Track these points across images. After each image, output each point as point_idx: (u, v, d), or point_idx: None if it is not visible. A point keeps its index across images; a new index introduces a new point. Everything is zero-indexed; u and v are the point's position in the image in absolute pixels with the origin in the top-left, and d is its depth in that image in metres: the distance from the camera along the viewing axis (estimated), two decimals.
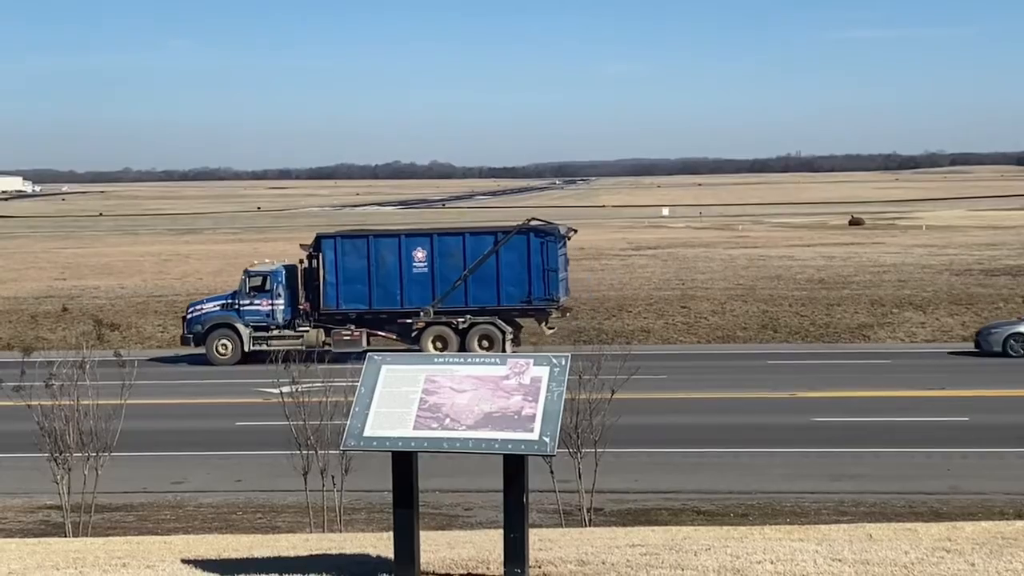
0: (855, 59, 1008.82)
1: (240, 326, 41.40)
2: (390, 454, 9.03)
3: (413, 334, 40.87)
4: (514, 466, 8.87)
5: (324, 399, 18.61)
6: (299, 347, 40.64)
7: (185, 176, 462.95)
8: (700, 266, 64.92)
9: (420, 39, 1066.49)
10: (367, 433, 9.00)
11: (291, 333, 41.19)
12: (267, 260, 44.24)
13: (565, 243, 42.13)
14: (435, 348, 39.89)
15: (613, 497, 21.22)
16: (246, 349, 40.67)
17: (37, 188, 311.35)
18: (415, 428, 8.93)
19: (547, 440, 8.71)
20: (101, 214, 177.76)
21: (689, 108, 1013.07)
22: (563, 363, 9.14)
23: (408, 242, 41.26)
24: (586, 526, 17.39)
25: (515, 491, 8.89)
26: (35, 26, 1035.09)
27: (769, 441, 27.11)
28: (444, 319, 40.41)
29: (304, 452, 18.60)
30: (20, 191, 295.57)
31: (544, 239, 40.11)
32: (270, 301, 41.38)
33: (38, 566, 10.97)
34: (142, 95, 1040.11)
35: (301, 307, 41.35)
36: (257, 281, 41.85)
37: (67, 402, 18.26)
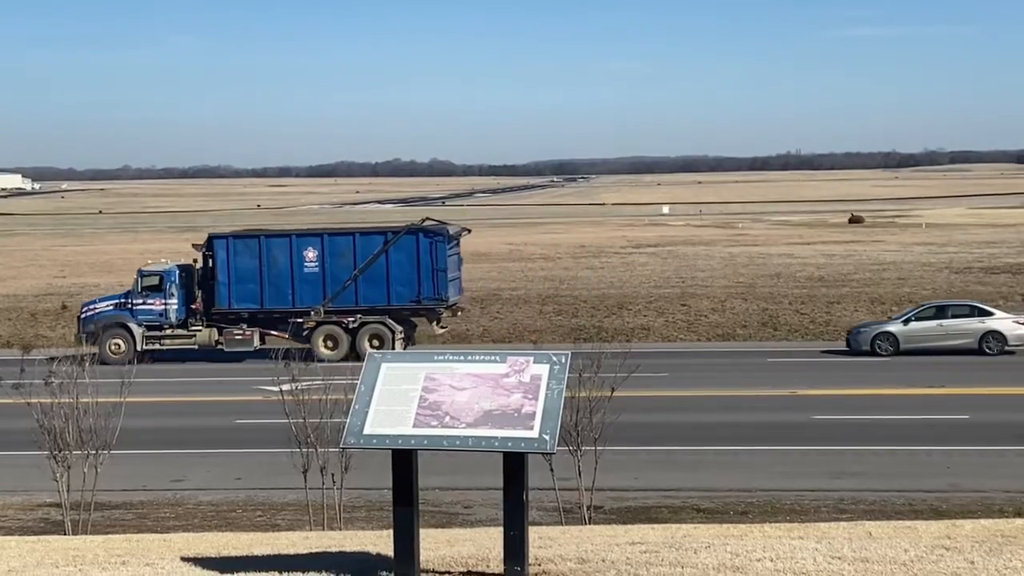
0: (855, 57, 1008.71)
1: (133, 326, 41.57)
2: (390, 452, 9.03)
3: (304, 333, 41.16)
4: (514, 464, 8.87)
5: (324, 397, 18.61)
6: (192, 346, 40.92)
7: (185, 174, 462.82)
8: (700, 264, 64.94)
9: (420, 36, 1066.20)
10: (367, 431, 9.00)
11: (184, 332, 41.53)
12: (163, 260, 44.49)
13: (457, 243, 42.53)
14: (326, 347, 40.29)
15: (613, 495, 21.22)
16: (139, 348, 40.71)
17: (37, 186, 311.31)
18: (415, 426, 8.92)
19: (547, 438, 8.71)
20: (101, 212, 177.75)
21: (689, 106, 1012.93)
22: (563, 361, 9.14)
23: (299, 242, 41.58)
24: (586, 524, 17.40)
25: (515, 489, 8.89)
26: (34, 23, 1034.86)
27: (769, 439, 27.10)
28: (335, 318, 40.75)
29: (304, 450, 18.61)
30: (20, 189, 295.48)
31: (433, 239, 40.45)
32: (163, 301, 41.61)
33: (38, 564, 10.97)
34: (142, 92, 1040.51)
35: (194, 307, 41.58)
36: (151, 281, 42.09)
37: (66, 400, 18.26)
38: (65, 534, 17.46)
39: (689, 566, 9.30)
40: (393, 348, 38.71)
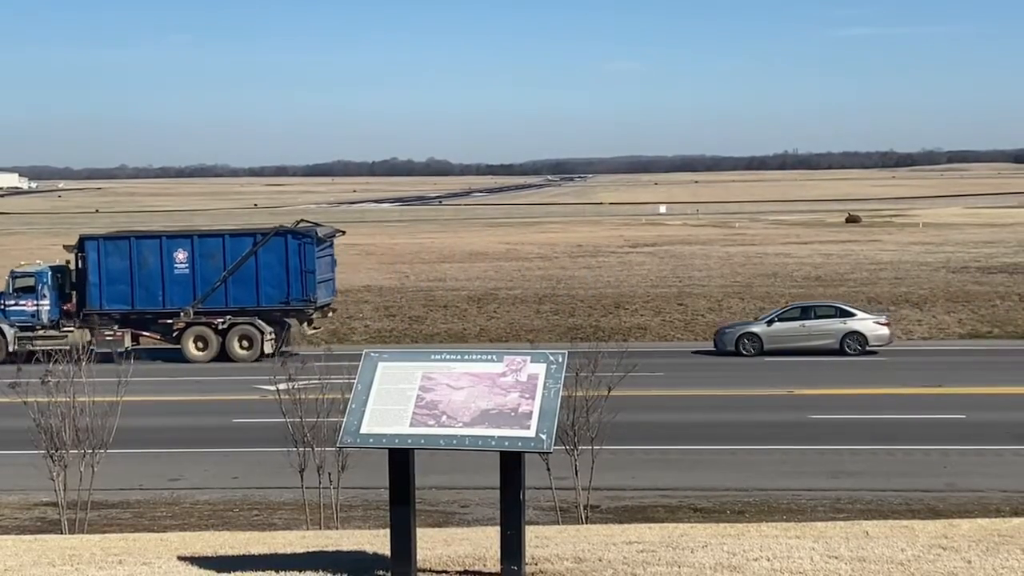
0: (852, 57, 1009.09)
1: (5, 326, 41.79)
2: (387, 451, 9.02)
3: (174, 334, 41.58)
4: (511, 463, 8.86)
5: (320, 396, 18.61)
6: (64, 347, 41.09)
7: (181, 173, 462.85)
8: (697, 263, 64.96)
9: (418, 36, 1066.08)
10: (364, 430, 8.99)
11: (56, 333, 41.60)
12: (37, 261, 44.84)
13: (330, 245, 42.76)
14: (196, 348, 40.64)
15: (610, 494, 21.22)
16: (11, 349, 40.79)
17: (33, 185, 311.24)
18: (412, 425, 8.91)
19: (544, 437, 8.70)
20: (97, 211, 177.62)
21: (686, 105, 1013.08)
22: (560, 360, 9.13)
23: (169, 243, 41.96)
24: (583, 523, 17.39)
25: (512, 488, 8.88)
26: (30, 22, 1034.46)
27: (766, 438, 27.12)
28: (204, 319, 41.00)
29: (301, 449, 18.60)
30: (16, 187, 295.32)
31: (301, 241, 40.71)
32: (35, 302, 41.86)
33: (34, 563, 10.95)
34: (139, 92, 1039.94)
35: (67, 307, 41.79)
36: (23, 282, 42.34)
37: (63, 399, 18.25)
38: (62, 533, 17.44)
39: (686, 565, 9.29)
40: (262, 349, 39.07)
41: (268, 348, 39.36)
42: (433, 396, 9.01)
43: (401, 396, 9.05)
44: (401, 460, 9.03)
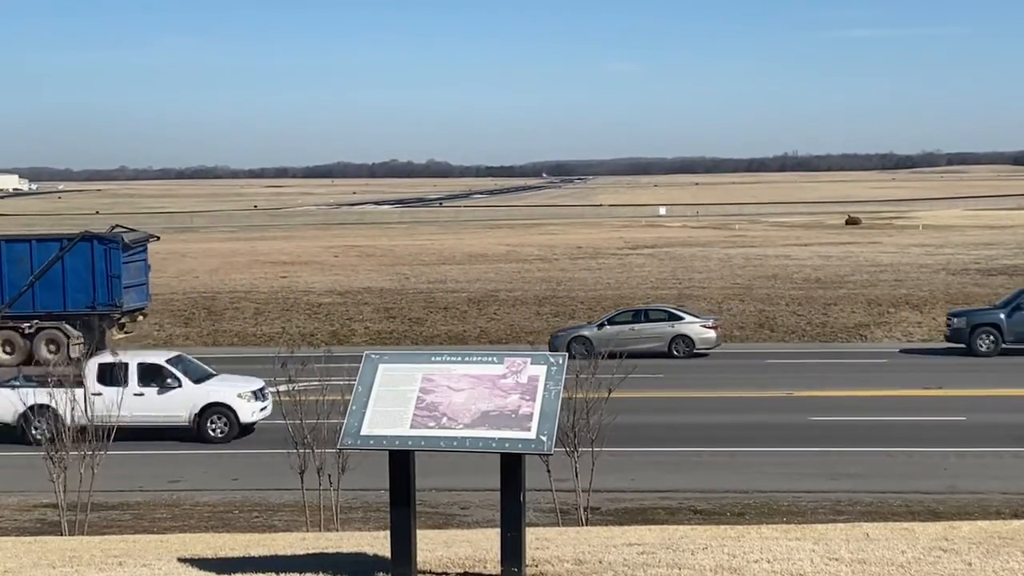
0: (852, 59, 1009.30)
1: None
2: (387, 453, 9.02)
3: None
4: (511, 465, 8.86)
5: (320, 397, 18.61)
6: None
7: (182, 174, 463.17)
8: (697, 265, 64.95)
9: (418, 38, 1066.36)
10: (364, 432, 8.99)
11: None
12: None
13: (141, 250, 42.81)
14: (4, 352, 40.79)
15: (610, 496, 21.22)
16: None
17: (33, 186, 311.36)
18: (412, 427, 8.91)
19: (544, 439, 8.70)
20: (98, 212, 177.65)
21: (686, 107, 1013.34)
22: (560, 362, 9.13)
23: None
24: (583, 525, 17.39)
25: (512, 490, 8.88)
26: (31, 23, 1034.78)
27: (766, 440, 27.12)
28: (12, 324, 40.88)
29: (301, 451, 18.60)
30: (16, 189, 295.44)
31: (107, 246, 40.73)
32: None
33: (34, 564, 10.95)
34: (139, 93, 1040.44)
35: None
36: None
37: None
38: (62, 535, 17.45)
39: (686, 567, 9.29)
40: (69, 353, 39.25)
41: (75, 352, 39.60)
42: (433, 398, 9.01)
43: (401, 398, 9.05)
44: (401, 462, 9.03)
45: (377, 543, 11.04)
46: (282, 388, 19.20)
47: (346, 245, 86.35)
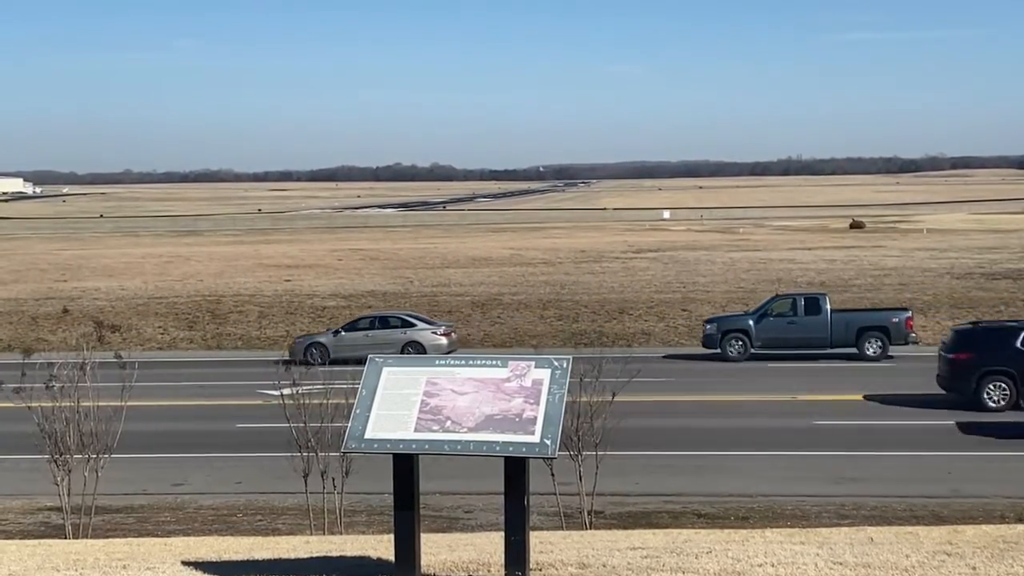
0: (856, 62, 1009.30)
1: None
2: (391, 456, 9.02)
3: None
4: (515, 468, 8.86)
5: (325, 401, 18.60)
6: None
7: (186, 178, 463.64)
8: (701, 269, 64.92)
9: (422, 41, 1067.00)
10: (368, 435, 8.99)
11: None
12: None
13: None
14: None
15: (614, 500, 21.19)
16: None
17: (38, 189, 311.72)
18: (416, 430, 8.91)
19: (548, 443, 8.70)
20: (102, 215, 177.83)
21: (690, 111, 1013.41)
22: (564, 366, 9.13)
23: None
24: (587, 529, 17.38)
25: (516, 494, 8.87)
26: (35, 26, 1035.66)
27: (770, 444, 27.09)
28: None
29: (305, 454, 18.59)
30: (21, 192, 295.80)
31: None
32: None
33: (38, 568, 10.95)
34: (143, 96, 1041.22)
35: None
36: None
37: (67, 404, 18.24)
38: (66, 538, 17.44)
39: (690, 571, 9.29)
40: None
41: None
42: (437, 401, 9.01)
43: (405, 401, 9.05)
44: (405, 465, 9.03)
45: (381, 546, 11.04)
46: (286, 391, 19.19)
47: (350, 248, 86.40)
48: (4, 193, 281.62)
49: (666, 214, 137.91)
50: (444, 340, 42.04)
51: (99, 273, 69.99)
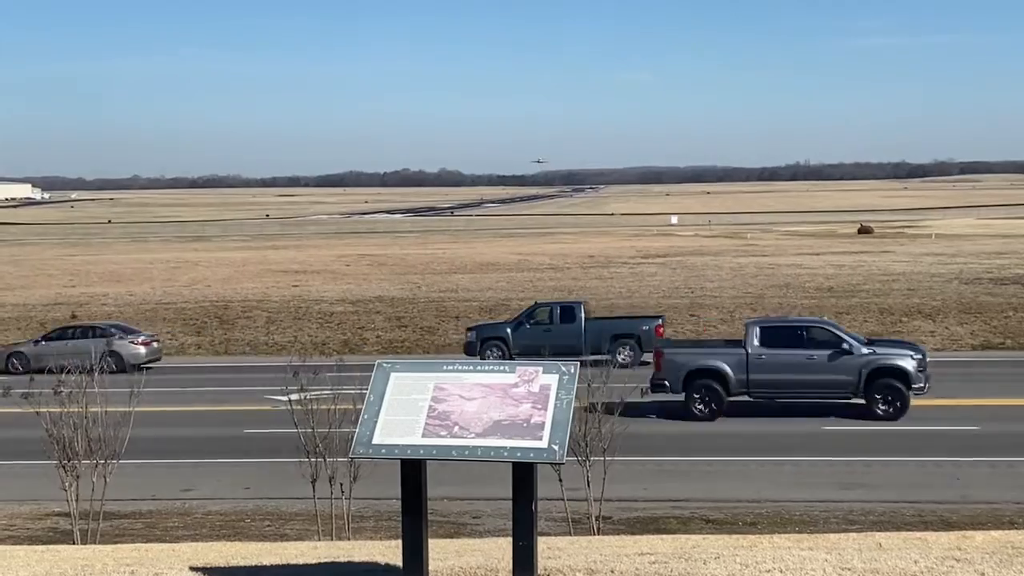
0: (865, 67, 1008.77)
1: None
2: (399, 462, 9.02)
3: None
4: (523, 474, 8.85)
5: (332, 407, 18.61)
6: None
7: (194, 183, 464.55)
8: (709, 274, 64.90)
9: (430, 47, 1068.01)
10: (376, 441, 8.99)
11: None
12: None
13: None
14: None
15: (622, 505, 21.19)
16: None
17: (46, 195, 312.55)
18: (424, 436, 8.91)
19: (556, 448, 8.70)
20: (110, 221, 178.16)
21: (698, 116, 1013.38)
22: (572, 371, 9.13)
23: None
24: (595, 534, 17.36)
25: (524, 499, 8.87)
26: (43, 33, 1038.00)
27: (778, 449, 27.06)
28: None
29: (312, 460, 18.60)
30: (29, 198, 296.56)
31: None
32: None
33: (46, 573, 10.96)
34: (151, 102, 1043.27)
35: None
36: None
37: (76, 409, 18.27)
38: (74, 543, 17.46)
39: None
40: None
41: None
42: (445, 407, 9.01)
43: (413, 407, 9.05)
44: (413, 471, 9.03)
45: (389, 552, 11.04)
46: (294, 397, 19.20)
47: (358, 254, 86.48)
48: (13, 199, 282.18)
49: (674, 219, 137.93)
50: (143, 349, 43.03)
51: (107, 278, 70.11)
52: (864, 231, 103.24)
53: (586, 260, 76.65)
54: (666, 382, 30.37)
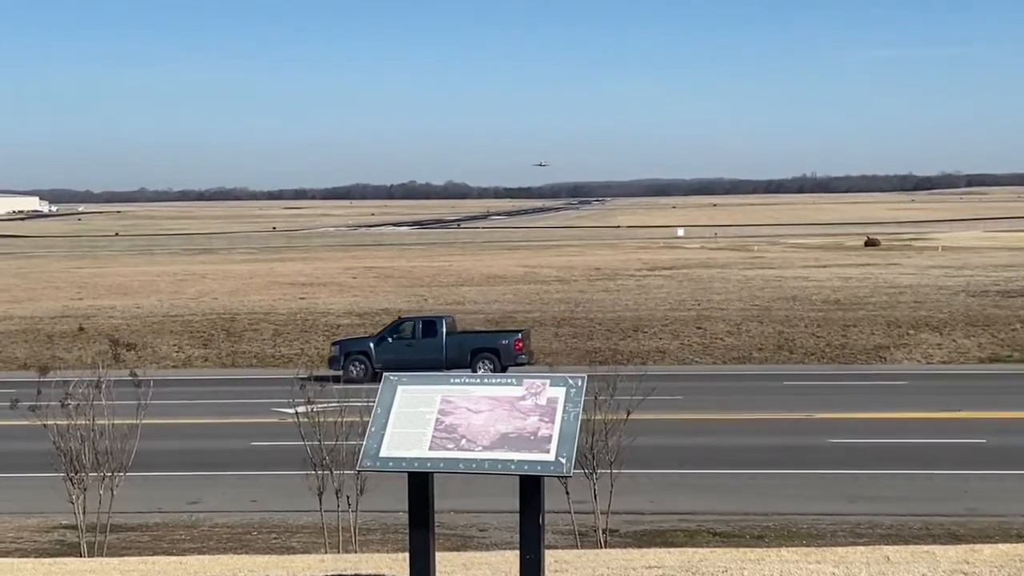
0: (871, 79, 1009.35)
1: None
2: (406, 474, 9.02)
3: None
4: (530, 487, 8.85)
5: (339, 419, 18.61)
6: None
7: (201, 196, 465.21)
8: (716, 287, 64.84)
9: (435, 59, 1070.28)
10: (383, 453, 8.99)
11: None
12: None
13: None
14: None
15: (628, 518, 21.16)
16: None
17: (54, 208, 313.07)
18: (431, 448, 8.92)
19: (563, 461, 8.70)
20: (117, 234, 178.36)
21: (705, 128, 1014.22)
22: (579, 384, 9.13)
23: None
24: (601, 547, 17.34)
25: (531, 512, 8.87)
26: (50, 45, 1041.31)
27: (785, 462, 27.02)
28: None
29: (319, 472, 18.59)
30: (37, 211, 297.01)
31: None
32: None
33: None
34: (158, 115, 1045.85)
35: None
36: None
37: (83, 422, 18.27)
38: (81, 556, 17.46)
39: None
40: None
41: None
42: (452, 419, 9.01)
43: (420, 419, 9.06)
44: (420, 484, 9.03)
45: (396, 565, 11.04)
46: (301, 409, 19.20)
47: (364, 266, 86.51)
48: (20, 211, 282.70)
49: (680, 232, 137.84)
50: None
51: (114, 291, 70.17)
52: (871, 243, 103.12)
53: (593, 272, 76.62)
54: None
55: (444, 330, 43.28)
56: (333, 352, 43.77)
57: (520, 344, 42.95)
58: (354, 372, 42.10)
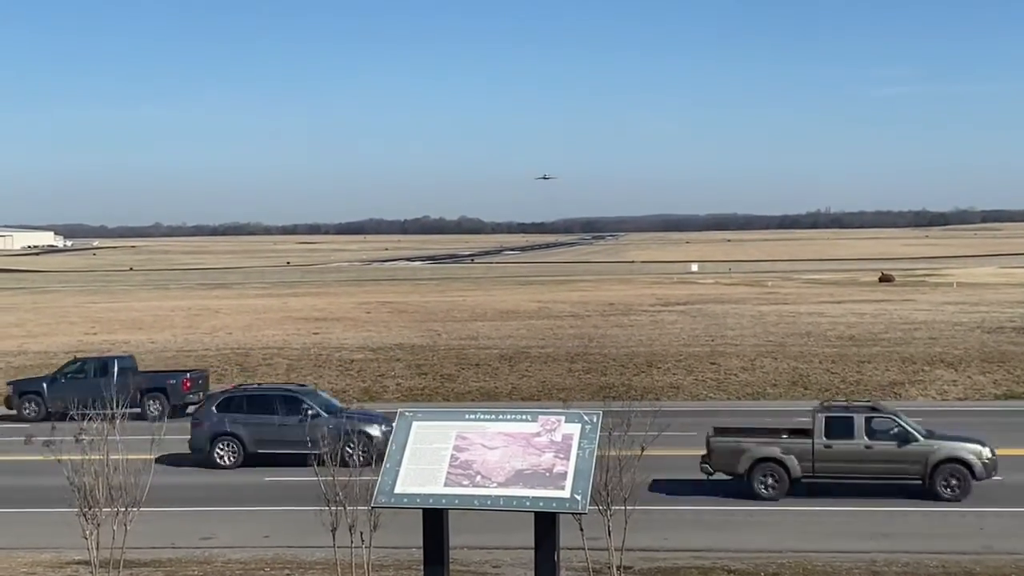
0: (885, 116, 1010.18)
1: None
2: (420, 511, 9.01)
3: None
4: (545, 523, 8.84)
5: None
6: None
7: (215, 231, 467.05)
8: (730, 322, 64.71)
9: (449, 94, 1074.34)
10: (398, 490, 9.00)
11: None
12: None
13: None
14: None
15: (643, 555, 21.05)
16: None
17: (68, 243, 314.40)
18: (446, 485, 8.91)
19: (578, 498, 8.69)
20: (132, 268, 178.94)
21: (719, 164, 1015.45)
22: (594, 420, 9.13)
23: None
24: None
25: (546, 548, 8.85)
26: (66, 80, 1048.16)
27: (800, 498, 26.88)
28: None
29: (333, 508, 18.55)
30: (52, 246, 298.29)
31: None
32: None
33: None
34: (173, 149, 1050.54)
35: None
36: None
37: (97, 457, 18.26)
38: None
39: None
40: None
41: None
42: (467, 456, 9.01)
43: (435, 456, 9.06)
44: (435, 520, 9.01)
45: None
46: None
47: (378, 301, 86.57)
48: (35, 246, 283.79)
49: (694, 267, 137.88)
50: None
51: (129, 326, 70.29)
52: (885, 279, 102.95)
53: (606, 308, 76.56)
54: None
55: (115, 370, 43.70)
56: (7, 392, 44.73)
57: (188, 384, 43.35)
58: (27, 411, 43.29)
